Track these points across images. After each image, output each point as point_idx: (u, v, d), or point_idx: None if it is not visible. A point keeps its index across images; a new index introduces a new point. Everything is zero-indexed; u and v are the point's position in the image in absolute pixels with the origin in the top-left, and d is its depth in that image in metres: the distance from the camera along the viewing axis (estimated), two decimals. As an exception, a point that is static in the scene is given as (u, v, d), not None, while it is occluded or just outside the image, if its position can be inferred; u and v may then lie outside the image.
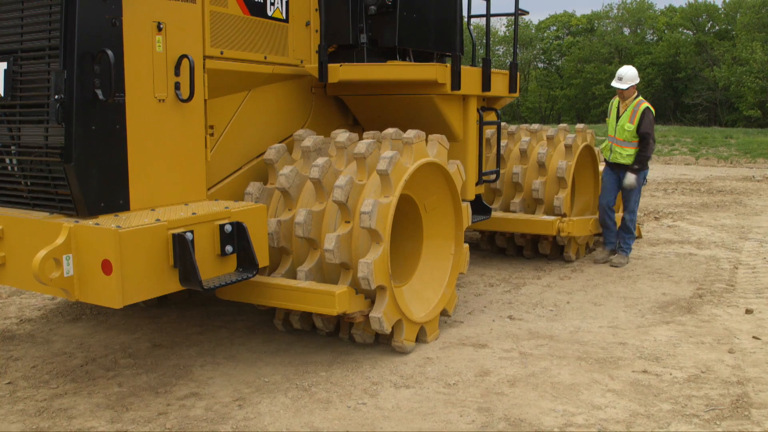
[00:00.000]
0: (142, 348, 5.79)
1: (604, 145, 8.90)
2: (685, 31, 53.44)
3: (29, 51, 4.56)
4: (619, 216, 9.62)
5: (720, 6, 52.80)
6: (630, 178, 8.49)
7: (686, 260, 8.85)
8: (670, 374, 5.21)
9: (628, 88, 8.49)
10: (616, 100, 8.77)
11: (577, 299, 7.16)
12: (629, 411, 4.61)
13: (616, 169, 8.65)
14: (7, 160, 4.81)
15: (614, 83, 8.58)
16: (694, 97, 47.97)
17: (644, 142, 8.40)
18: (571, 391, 4.91)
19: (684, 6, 54.30)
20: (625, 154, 8.50)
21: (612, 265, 8.51)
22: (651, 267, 8.50)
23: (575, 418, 4.51)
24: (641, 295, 7.31)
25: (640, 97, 8.57)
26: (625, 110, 8.52)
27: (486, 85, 6.85)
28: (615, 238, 8.83)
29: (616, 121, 8.59)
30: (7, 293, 7.39)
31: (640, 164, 8.49)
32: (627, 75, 8.52)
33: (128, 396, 4.87)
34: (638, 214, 12.04)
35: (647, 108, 8.42)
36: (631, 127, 8.38)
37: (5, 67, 4.58)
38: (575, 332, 6.14)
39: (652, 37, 55.63)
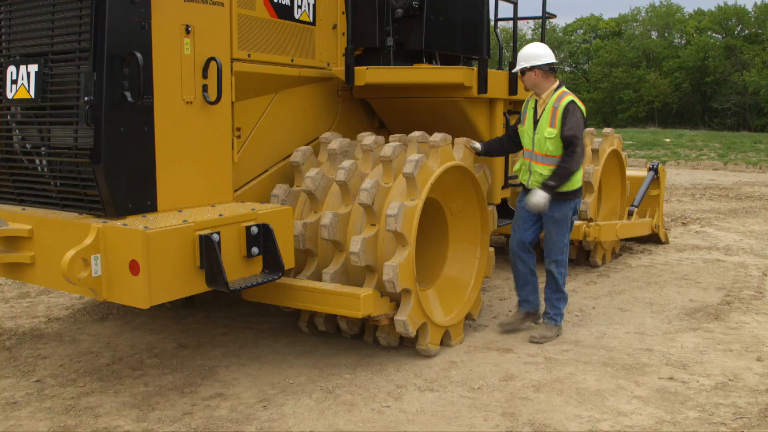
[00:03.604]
0: (168, 348, 5.83)
1: (518, 165, 6.30)
2: (714, 34, 52.97)
3: (59, 53, 4.61)
4: (645, 222, 9.54)
5: (750, 9, 52.32)
6: (537, 197, 5.80)
7: (714, 266, 8.76)
8: (697, 381, 5.16)
9: (526, 73, 5.97)
10: (532, 100, 6.14)
11: (603, 305, 7.11)
12: (655, 418, 4.57)
13: None
14: (37, 161, 4.87)
15: (521, 56, 6.05)
16: (723, 101, 47.52)
17: (570, 148, 5.82)
18: (597, 397, 4.88)
19: (713, 9, 53.86)
20: (547, 173, 5.90)
21: (533, 341, 5.94)
22: (678, 273, 8.43)
23: (600, 425, 4.48)
24: (668, 301, 7.24)
25: (564, 88, 6.01)
26: (543, 111, 5.96)
27: (513, 88, 6.82)
28: (532, 293, 6.29)
29: (534, 129, 5.98)
30: (35, 292, 7.47)
31: (557, 179, 5.80)
32: (525, 54, 5.97)
33: (154, 395, 4.90)
34: (665, 219, 11.97)
35: (572, 102, 5.89)
36: (553, 132, 5.84)
37: (36, 69, 4.64)
38: (601, 338, 6.09)
39: (680, 41, 55.18)
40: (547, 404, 4.77)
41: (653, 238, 10.04)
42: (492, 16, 7.76)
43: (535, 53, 5.94)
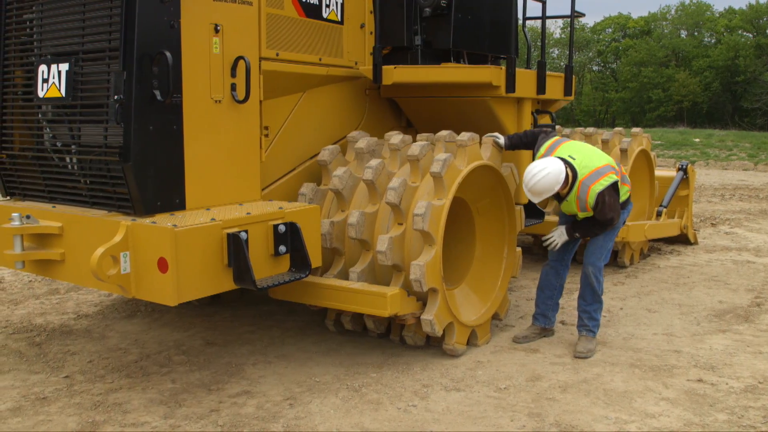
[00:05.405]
0: (196, 345, 5.86)
1: None
2: (744, 33, 52.33)
3: (90, 53, 4.65)
4: (674, 223, 9.45)
5: (782, 8, 51.62)
6: (560, 235, 5.77)
7: (744, 268, 8.66)
8: (726, 384, 5.10)
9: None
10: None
11: (631, 305, 7.05)
12: (684, 420, 4.52)
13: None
14: (68, 159, 4.92)
15: (527, 192, 5.49)
16: (754, 101, 46.91)
17: (605, 223, 5.59)
18: (624, 399, 4.84)
19: (744, 8, 53.20)
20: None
21: (579, 356, 5.63)
22: (707, 274, 8.34)
23: (628, 426, 4.44)
24: (697, 302, 7.17)
25: (580, 179, 5.44)
26: (567, 197, 5.59)
27: (541, 87, 6.79)
28: (552, 310, 6.09)
29: (558, 202, 5.80)
30: (65, 289, 7.55)
31: (582, 234, 5.76)
32: (539, 185, 5.35)
33: (181, 392, 4.94)
34: (694, 220, 11.85)
35: (603, 191, 5.42)
36: (588, 214, 5.61)
37: (67, 68, 4.69)
38: (628, 339, 6.05)
39: (710, 40, 54.55)
40: (573, 405, 4.74)
41: (682, 239, 9.94)
42: (520, 15, 7.73)
43: (555, 178, 5.33)
